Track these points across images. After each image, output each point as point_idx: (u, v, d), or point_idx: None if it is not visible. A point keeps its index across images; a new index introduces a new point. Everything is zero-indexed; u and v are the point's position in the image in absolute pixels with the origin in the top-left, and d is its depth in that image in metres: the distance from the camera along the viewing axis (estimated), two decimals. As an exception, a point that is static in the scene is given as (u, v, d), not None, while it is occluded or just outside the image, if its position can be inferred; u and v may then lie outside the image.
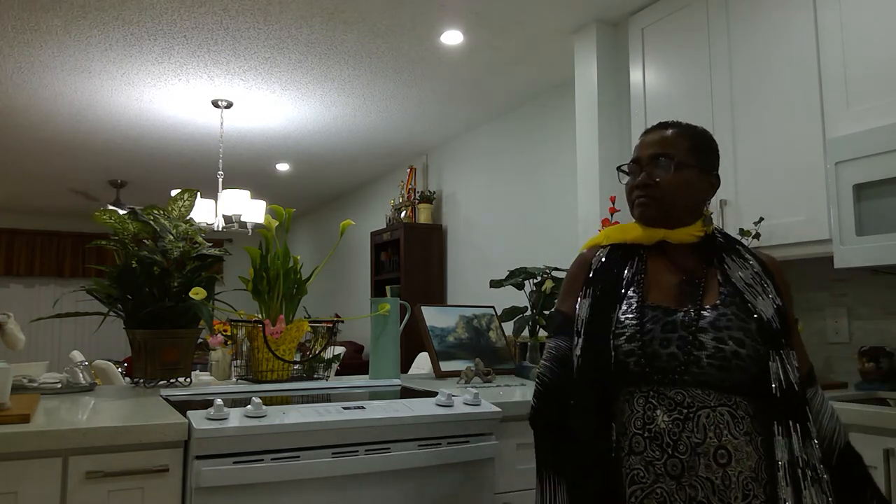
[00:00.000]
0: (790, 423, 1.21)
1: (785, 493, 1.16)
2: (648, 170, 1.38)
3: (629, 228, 1.42)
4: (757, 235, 2.37)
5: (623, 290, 1.33)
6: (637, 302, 1.31)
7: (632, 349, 1.25)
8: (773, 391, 1.22)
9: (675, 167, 1.35)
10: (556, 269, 2.78)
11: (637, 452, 1.22)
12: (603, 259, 1.40)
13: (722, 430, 1.20)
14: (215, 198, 4.76)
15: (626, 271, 1.36)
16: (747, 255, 1.39)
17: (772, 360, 1.24)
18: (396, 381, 2.31)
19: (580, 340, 1.31)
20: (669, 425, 1.21)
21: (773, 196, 2.37)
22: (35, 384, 1.91)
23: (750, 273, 1.34)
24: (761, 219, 2.37)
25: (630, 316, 1.29)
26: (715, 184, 1.41)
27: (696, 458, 1.19)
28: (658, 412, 1.22)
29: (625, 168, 1.44)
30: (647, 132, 1.44)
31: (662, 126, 1.42)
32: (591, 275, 1.38)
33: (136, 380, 2.13)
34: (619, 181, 1.46)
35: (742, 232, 2.40)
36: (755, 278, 1.34)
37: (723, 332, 1.25)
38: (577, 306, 1.35)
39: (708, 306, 1.29)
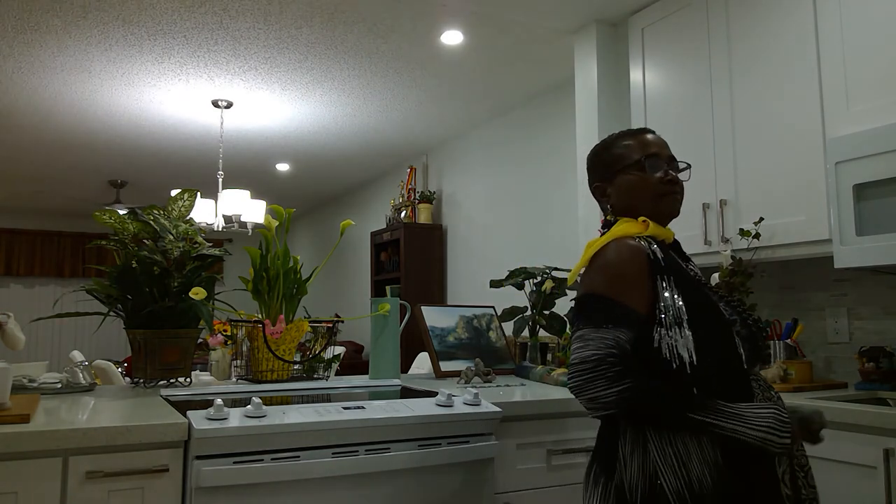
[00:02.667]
0: None
1: None
2: (674, 168, 1.43)
3: (651, 224, 1.40)
4: (757, 235, 2.37)
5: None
6: (712, 293, 1.34)
7: (746, 336, 1.30)
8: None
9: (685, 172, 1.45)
10: (556, 269, 2.78)
11: None
12: (659, 251, 1.34)
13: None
14: (215, 198, 4.76)
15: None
16: None
17: None
18: (396, 381, 2.31)
19: (687, 333, 1.24)
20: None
21: (773, 196, 2.37)
22: (35, 384, 1.91)
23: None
24: (761, 219, 2.37)
25: (721, 305, 1.32)
26: None
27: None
28: (771, 392, 1.29)
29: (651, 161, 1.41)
30: (647, 132, 1.46)
31: (653, 131, 1.48)
32: (662, 265, 1.31)
33: (136, 380, 2.13)
34: (646, 170, 1.40)
35: (742, 232, 2.39)
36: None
37: None
38: (662, 298, 1.27)
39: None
